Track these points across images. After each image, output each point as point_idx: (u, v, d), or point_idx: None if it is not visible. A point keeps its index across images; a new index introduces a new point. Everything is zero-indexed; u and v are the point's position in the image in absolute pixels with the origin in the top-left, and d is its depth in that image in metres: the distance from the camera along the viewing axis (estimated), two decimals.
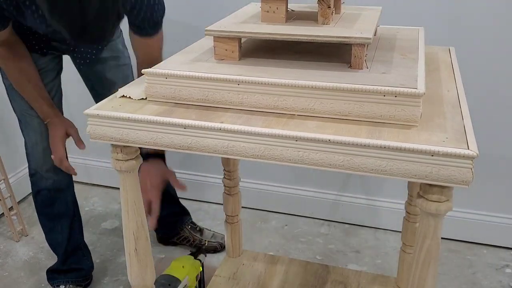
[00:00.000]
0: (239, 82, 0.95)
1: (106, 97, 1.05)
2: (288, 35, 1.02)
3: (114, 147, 1.01)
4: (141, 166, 1.17)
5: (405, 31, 1.29)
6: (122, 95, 1.04)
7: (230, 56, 1.07)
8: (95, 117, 0.97)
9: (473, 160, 0.79)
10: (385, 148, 0.82)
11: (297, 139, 0.86)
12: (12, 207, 2.11)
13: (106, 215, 2.25)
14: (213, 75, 0.97)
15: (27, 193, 2.39)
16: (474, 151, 0.79)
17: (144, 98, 1.03)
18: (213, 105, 0.98)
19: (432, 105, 0.97)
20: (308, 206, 2.20)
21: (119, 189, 1.06)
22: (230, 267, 1.66)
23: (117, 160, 1.01)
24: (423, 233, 0.88)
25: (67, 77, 1.65)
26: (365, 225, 2.16)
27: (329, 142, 0.85)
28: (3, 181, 2.08)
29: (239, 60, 1.07)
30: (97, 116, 0.97)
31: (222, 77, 0.96)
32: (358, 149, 0.84)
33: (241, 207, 1.65)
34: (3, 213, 2.11)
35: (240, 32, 1.05)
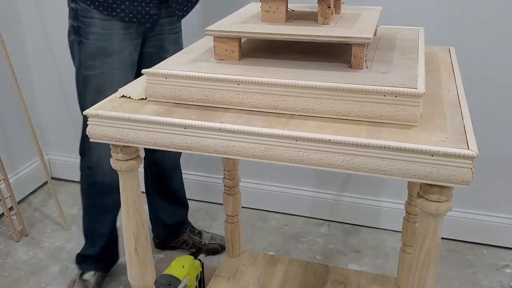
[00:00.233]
0: (239, 82, 0.95)
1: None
2: (288, 35, 1.02)
3: (114, 147, 1.01)
4: None
5: (405, 31, 1.29)
6: (122, 95, 1.04)
7: (230, 56, 1.07)
8: (95, 117, 0.97)
9: (473, 160, 0.79)
10: (385, 148, 0.82)
11: (297, 139, 0.86)
12: (12, 207, 2.11)
13: None
14: (213, 75, 0.97)
15: (27, 193, 2.39)
16: (474, 151, 0.79)
17: (144, 98, 1.03)
18: (213, 105, 0.98)
19: (432, 105, 0.97)
20: (308, 206, 2.20)
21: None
22: (230, 267, 1.66)
23: (117, 160, 1.01)
24: (423, 233, 0.88)
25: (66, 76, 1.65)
26: (365, 225, 2.16)
27: (329, 142, 0.85)
28: (3, 181, 2.08)
29: (239, 60, 1.07)
30: (97, 116, 0.97)
31: (222, 77, 0.96)
32: (358, 149, 0.84)
33: (241, 207, 1.65)
34: (3, 213, 2.11)
35: (240, 32, 1.05)
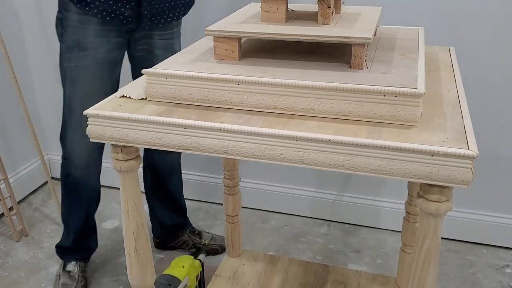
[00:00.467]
0: (239, 82, 0.95)
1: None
2: (288, 35, 1.02)
3: (114, 147, 1.01)
4: None
5: (405, 31, 1.29)
6: (122, 95, 1.04)
7: (230, 56, 1.06)
8: (95, 117, 0.97)
9: (473, 160, 0.79)
10: (385, 148, 0.82)
11: (297, 139, 0.86)
12: (12, 207, 2.11)
13: (106, 215, 2.25)
14: (213, 75, 0.96)
15: (27, 193, 2.39)
16: (474, 151, 0.79)
17: (144, 98, 1.03)
18: (213, 105, 0.98)
19: (432, 105, 0.97)
20: (308, 206, 2.20)
21: (119, 189, 1.07)
22: (230, 267, 1.66)
23: (117, 160, 1.01)
24: (423, 233, 0.88)
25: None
26: (365, 225, 2.16)
27: (329, 142, 0.85)
28: (3, 181, 2.08)
29: (239, 60, 1.07)
30: (97, 116, 0.97)
31: (222, 77, 0.96)
32: (358, 149, 0.84)
33: (241, 207, 1.65)
34: (3, 213, 2.11)
35: (240, 32, 1.05)
